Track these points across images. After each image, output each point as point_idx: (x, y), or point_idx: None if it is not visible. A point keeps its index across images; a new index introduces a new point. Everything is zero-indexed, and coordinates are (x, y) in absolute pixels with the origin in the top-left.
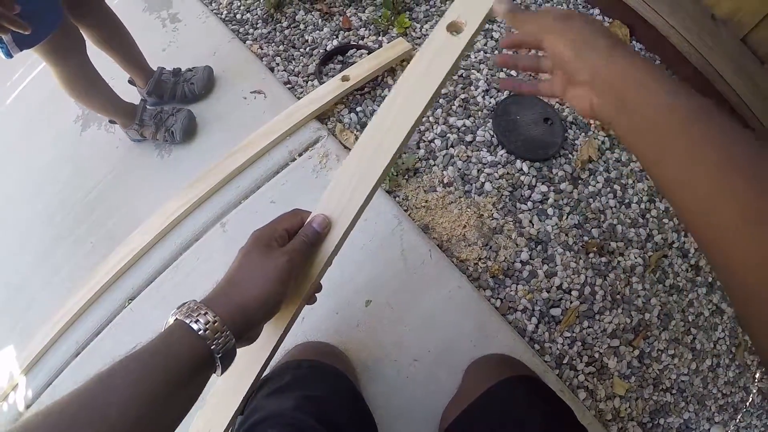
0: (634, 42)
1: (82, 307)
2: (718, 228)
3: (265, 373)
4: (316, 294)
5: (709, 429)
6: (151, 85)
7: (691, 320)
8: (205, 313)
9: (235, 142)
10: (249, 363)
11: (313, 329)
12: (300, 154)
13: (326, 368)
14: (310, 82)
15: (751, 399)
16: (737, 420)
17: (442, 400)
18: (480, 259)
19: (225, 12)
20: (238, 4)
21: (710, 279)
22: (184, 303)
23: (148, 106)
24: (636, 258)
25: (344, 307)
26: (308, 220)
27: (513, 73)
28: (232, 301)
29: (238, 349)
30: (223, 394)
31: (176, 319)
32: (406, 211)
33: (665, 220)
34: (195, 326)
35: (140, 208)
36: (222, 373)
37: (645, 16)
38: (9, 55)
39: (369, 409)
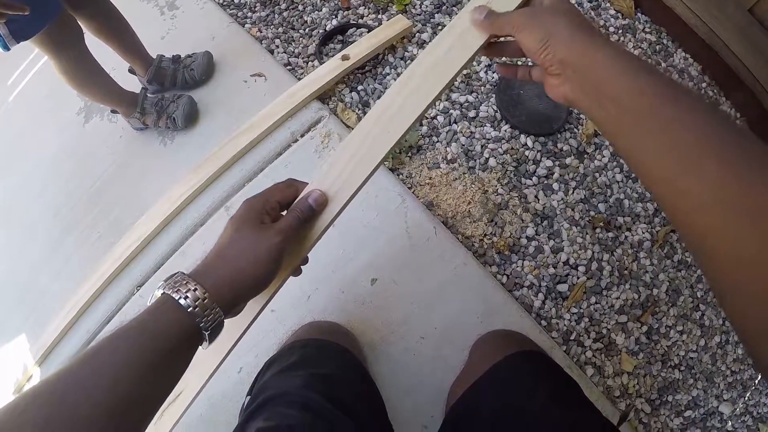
0: (639, 14)
1: (92, 296)
2: (693, 213)
3: (272, 354)
4: (302, 266)
5: (717, 406)
6: (151, 73)
7: (699, 296)
8: (195, 289)
9: (237, 126)
10: (230, 329)
11: (319, 309)
12: (302, 135)
13: (333, 347)
14: (310, 63)
15: (759, 377)
16: (746, 398)
17: (449, 376)
18: (485, 235)
19: None
20: None
21: None
22: (172, 275)
23: (149, 94)
24: (644, 233)
25: (349, 285)
26: (304, 194)
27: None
28: (222, 275)
29: None
30: (201, 358)
31: (164, 293)
32: (410, 188)
33: None
34: (183, 302)
35: (145, 195)
36: (209, 346)
37: None
38: (6, 47)
39: (376, 386)
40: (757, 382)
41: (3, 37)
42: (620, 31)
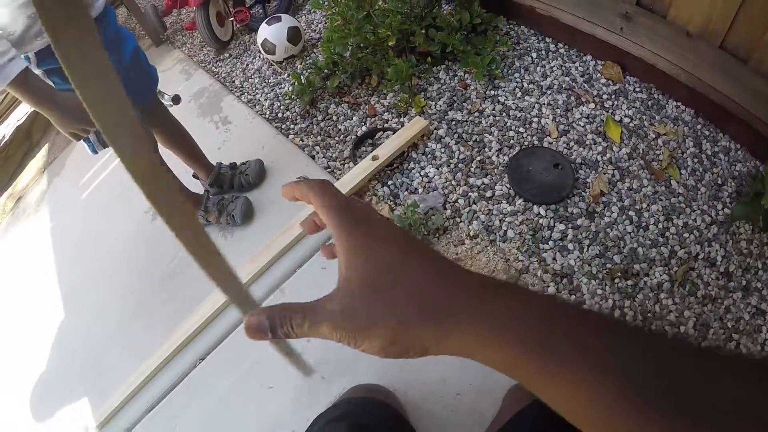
0: (627, 77)
1: (156, 367)
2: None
3: (320, 412)
4: None
5: None
6: (212, 178)
7: (730, 326)
8: None
9: (288, 221)
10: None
11: (362, 373)
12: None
13: (374, 401)
14: (346, 165)
15: None
16: None
17: (485, 429)
18: None
19: (268, 113)
20: (279, 104)
21: (744, 282)
22: None
23: (210, 196)
24: (662, 275)
25: None
26: None
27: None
28: None
29: None
30: None
31: None
32: None
33: (686, 235)
34: None
35: (208, 282)
36: None
37: (630, 50)
38: (95, 151)
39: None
40: None
41: (93, 143)
42: (613, 96)
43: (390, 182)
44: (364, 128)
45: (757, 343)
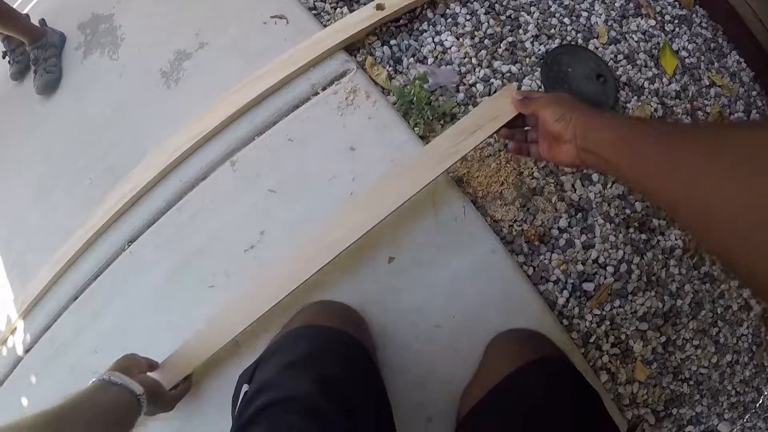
0: (698, 7)
1: (80, 249)
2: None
3: (277, 334)
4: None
5: (717, 425)
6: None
7: (719, 312)
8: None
9: (250, 71)
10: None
11: (329, 285)
12: (324, 88)
13: (345, 340)
14: (338, 9)
15: (761, 401)
16: (744, 420)
17: (462, 371)
18: (516, 221)
19: None
20: None
21: None
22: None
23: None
24: (676, 239)
25: (365, 262)
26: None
27: None
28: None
29: None
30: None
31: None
32: None
33: None
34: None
35: (143, 142)
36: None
37: None
38: None
39: (384, 387)
40: (757, 406)
41: None
42: (677, 21)
43: (393, 42)
44: None
45: (735, 336)
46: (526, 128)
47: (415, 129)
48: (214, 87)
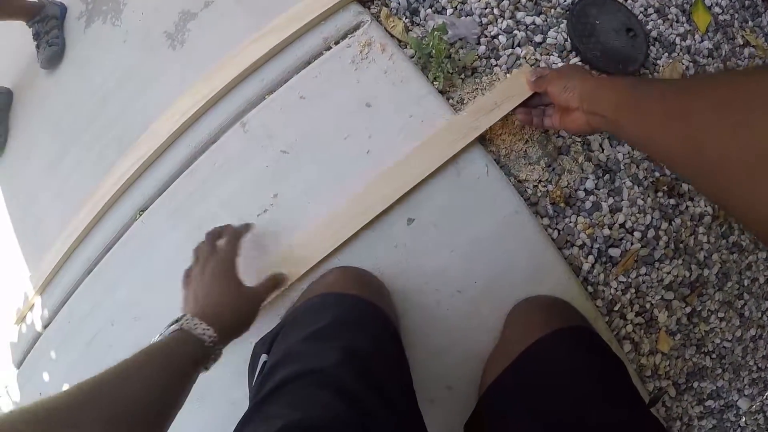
0: None
1: (91, 221)
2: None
3: (299, 301)
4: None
5: (737, 400)
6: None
7: (746, 284)
8: (209, 330)
9: (258, 27)
10: None
11: (347, 250)
12: (336, 42)
13: (370, 310)
14: None
15: None
16: (764, 396)
17: (484, 337)
18: (540, 181)
19: None
20: None
21: None
22: (177, 319)
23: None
24: (706, 206)
25: (382, 224)
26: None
27: None
28: (224, 327)
29: None
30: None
31: (181, 329)
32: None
33: None
34: (205, 338)
35: (150, 108)
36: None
37: None
38: None
39: (407, 360)
40: None
41: None
42: None
43: None
44: None
45: (760, 310)
46: (545, 106)
47: (434, 83)
48: (221, 46)
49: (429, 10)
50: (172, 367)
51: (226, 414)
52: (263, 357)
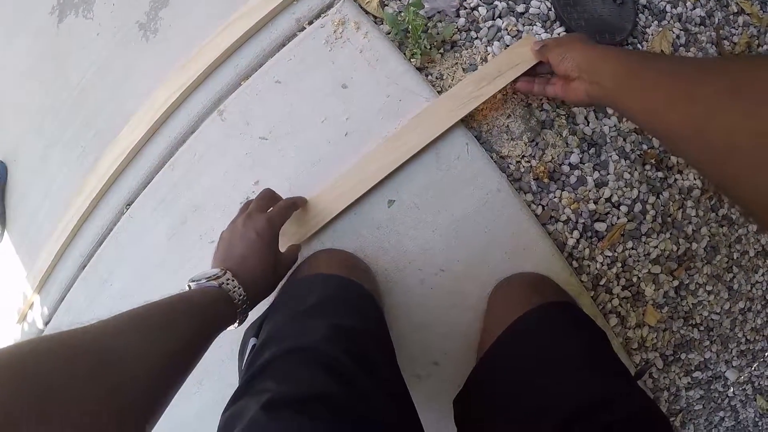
0: None
1: (80, 218)
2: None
3: (282, 283)
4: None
5: (724, 371)
6: None
7: (735, 257)
8: (240, 288)
9: (230, 12)
10: None
11: (330, 232)
12: (310, 22)
13: (355, 290)
14: None
15: None
16: (753, 368)
17: (467, 314)
18: (523, 156)
19: None
20: None
21: None
22: (216, 274)
23: None
24: (695, 179)
25: (363, 207)
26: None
27: None
28: (254, 289)
29: None
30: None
31: (212, 285)
32: (439, 92)
33: None
34: (235, 297)
35: (128, 101)
36: (238, 327)
37: None
38: None
39: (392, 341)
40: (766, 355)
41: None
42: None
43: None
44: None
45: (749, 283)
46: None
47: (412, 60)
48: (194, 33)
49: None
50: (202, 328)
51: (225, 397)
52: (252, 340)
